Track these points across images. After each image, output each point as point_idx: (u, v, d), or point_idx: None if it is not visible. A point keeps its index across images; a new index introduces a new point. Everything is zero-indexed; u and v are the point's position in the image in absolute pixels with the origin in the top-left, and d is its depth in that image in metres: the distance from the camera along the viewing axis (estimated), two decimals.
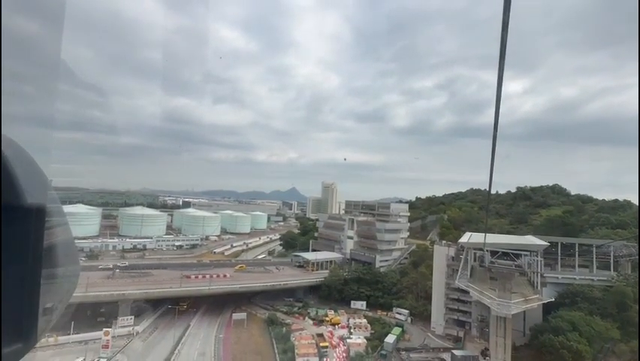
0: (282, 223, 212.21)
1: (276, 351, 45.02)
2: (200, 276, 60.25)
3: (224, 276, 62.69)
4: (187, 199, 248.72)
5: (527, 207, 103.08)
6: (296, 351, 43.68)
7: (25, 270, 0.89)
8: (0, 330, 0.85)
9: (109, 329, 40.89)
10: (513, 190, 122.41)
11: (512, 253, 41.68)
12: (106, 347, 39.30)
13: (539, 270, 39.93)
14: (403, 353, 42.32)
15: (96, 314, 50.87)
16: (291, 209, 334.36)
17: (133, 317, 47.22)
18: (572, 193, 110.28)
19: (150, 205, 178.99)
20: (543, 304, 43.99)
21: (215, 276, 61.48)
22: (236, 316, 53.56)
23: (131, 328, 45.71)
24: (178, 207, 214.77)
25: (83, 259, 76.67)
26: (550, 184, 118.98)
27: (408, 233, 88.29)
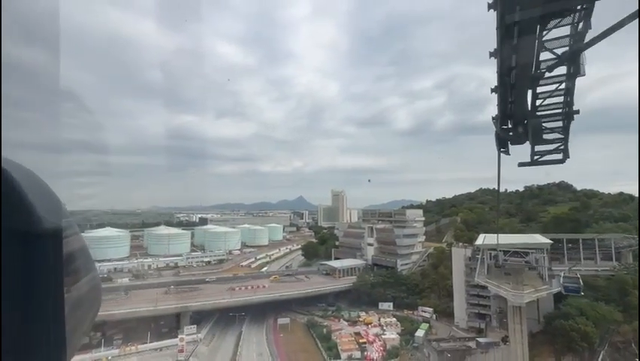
0: (286, 234, 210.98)
1: (321, 348, 51.64)
2: (243, 288, 67.41)
3: (263, 287, 69.68)
4: (203, 215, 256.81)
5: (536, 205, 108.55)
6: (339, 347, 50.33)
7: (48, 296, 0.90)
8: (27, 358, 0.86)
9: (183, 336, 48.10)
10: (521, 189, 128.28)
11: (522, 252, 48.05)
12: (181, 351, 46.44)
13: (546, 264, 46.24)
14: (434, 343, 48.65)
15: (159, 326, 58.24)
16: (302, 218, 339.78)
17: (196, 325, 54.40)
18: (578, 189, 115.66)
19: (167, 223, 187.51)
20: (554, 294, 50.06)
21: (255, 287, 68.55)
22: (281, 321, 60.44)
23: (195, 335, 52.82)
24: (194, 223, 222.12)
25: (131, 278, 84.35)
26: (557, 181, 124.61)
27: (424, 237, 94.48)
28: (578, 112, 4.16)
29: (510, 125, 4.50)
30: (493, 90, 4.24)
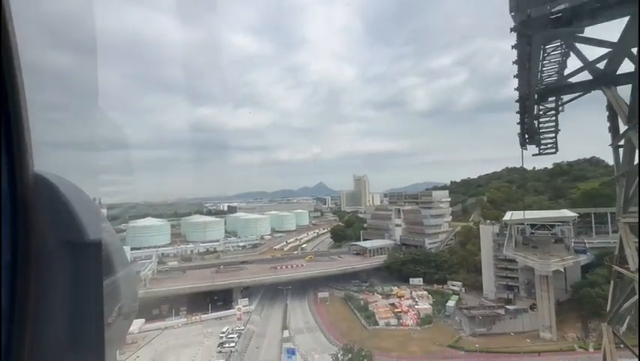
0: (311, 219, 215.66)
1: (359, 317, 57.42)
2: (284, 267, 74.12)
3: (301, 265, 76.09)
4: (231, 204, 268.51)
5: (565, 182, 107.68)
6: (377, 316, 55.88)
7: (91, 294, 1.00)
8: None
9: (240, 306, 55.31)
10: (550, 166, 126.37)
11: (548, 225, 50.79)
12: (239, 319, 53.65)
13: (572, 236, 48.96)
14: (465, 310, 53.03)
15: (214, 299, 66.00)
16: (325, 204, 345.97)
17: (247, 298, 61.65)
18: (611, 163, 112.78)
19: (198, 213, 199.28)
20: (582, 266, 52.70)
21: (294, 266, 75.09)
22: (321, 294, 66.73)
23: (248, 307, 60.06)
24: (222, 212, 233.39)
25: (180, 261, 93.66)
26: (588, 157, 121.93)
27: (451, 217, 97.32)
28: (560, 130, 8.45)
29: (526, 137, 8.81)
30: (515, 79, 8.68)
